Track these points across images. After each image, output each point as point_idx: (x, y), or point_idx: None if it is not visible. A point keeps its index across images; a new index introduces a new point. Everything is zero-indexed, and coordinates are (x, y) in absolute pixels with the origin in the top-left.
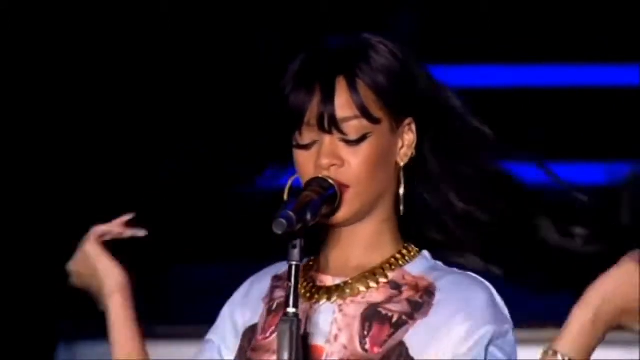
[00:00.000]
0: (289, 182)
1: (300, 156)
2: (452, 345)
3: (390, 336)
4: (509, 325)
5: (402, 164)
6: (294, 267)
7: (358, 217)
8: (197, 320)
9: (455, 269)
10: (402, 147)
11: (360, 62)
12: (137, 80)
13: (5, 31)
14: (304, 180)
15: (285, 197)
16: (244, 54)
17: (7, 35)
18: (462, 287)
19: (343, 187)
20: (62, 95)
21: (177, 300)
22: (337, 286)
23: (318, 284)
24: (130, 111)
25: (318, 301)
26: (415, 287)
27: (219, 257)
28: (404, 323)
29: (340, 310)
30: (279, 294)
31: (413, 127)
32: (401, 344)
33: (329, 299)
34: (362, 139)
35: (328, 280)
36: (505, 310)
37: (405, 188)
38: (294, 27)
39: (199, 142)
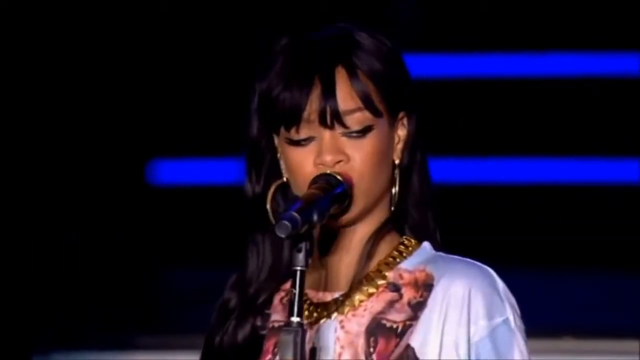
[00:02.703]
0: (273, 188)
1: (294, 153)
2: (445, 341)
3: (397, 345)
4: (505, 317)
5: (397, 161)
6: (298, 273)
7: (360, 218)
8: (186, 330)
9: (456, 257)
10: (398, 142)
11: (355, 50)
12: (136, 81)
13: (5, 31)
14: (298, 179)
15: (268, 205)
16: (244, 54)
17: (7, 36)
18: (459, 276)
19: (350, 184)
20: (60, 96)
21: (165, 308)
22: (336, 300)
23: (315, 300)
24: (128, 112)
25: (318, 320)
26: (415, 285)
27: (210, 262)
28: (409, 327)
29: (342, 327)
30: (274, 317)
31: (405, 121)
32: (407, 348)
33: (328, 315)
34: (365, 130)
35: (325, 295)
36: (505, 300)
37: (399, 186)
38: (294, 27)
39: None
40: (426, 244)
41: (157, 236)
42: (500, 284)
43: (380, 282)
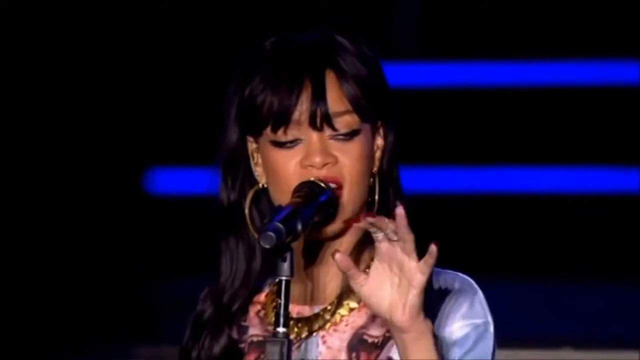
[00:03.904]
0: (251, 194)
1: (279, 155)
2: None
3: (377, 358)
4: (486, 320)
5: (375, 169)
6: (284, 283)
7: (344, 227)
8: (181, 340)
9: (435, 268)
10: (377, 151)
11: (341, 53)
12: (134, 90)
13: (5, 31)
14: (281, 182)
15: (246, 209)
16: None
17: (7, 35)
18: (443, 286)
19: (338, 189)
20: (58, 104)
21: (161, 318)
22: (317, 315)
23: (295, 315)
24: (126, 121)
25: (299, 335)
26: None
27: (207, 272)
28: (389, 339)
29: (324, 342)
30: (253, 331)
31: (382, 131)
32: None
33: (309, 331)
34: (353, 133)
35: (305, 310)
36: (486, 308)
37: (379, 195)
38: (293, 27)
39: None
40: None
41: (154, 245)
42: (481, 294)
43: None
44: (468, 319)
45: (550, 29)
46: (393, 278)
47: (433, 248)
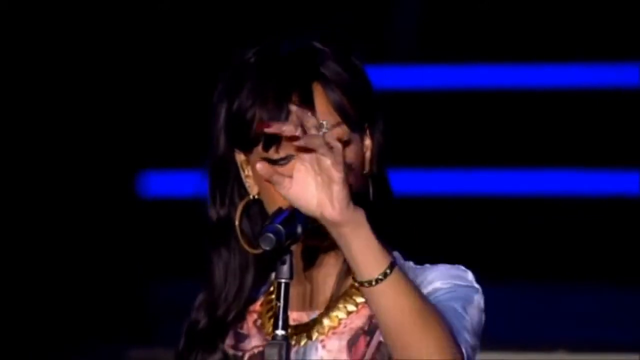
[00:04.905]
0: (241, 207)
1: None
2: None
3: (368, 345)
4: (473, 285)
5: (366, 171)
6: (283, 285)
7: None
8: (175, 343)
9: (427, 265)
10: (366, 151)
11: (325, 62)
12: (126, 93)
13: (5, 31)
14: (276, 198)
15: (237, 221)
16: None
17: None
18: (422, 274)
19: None
20: (51, 107)
21: (155, 321)
22: (314, 321)
23: (292, 322)
24: (118, 124)
25: (298, 342)
26: None
27: (201, 274)
28: (377, 325)
29: (324, 347)
30: (254, 343)
31: (369, 132)
32: (380, 345)
33: (309, 337)
34: (343, 145)
35: (303, 317)
36: (476, 283)
37: (373, 196)
38: (292, 27)
39: None
40: (396, 254)
41: (147, 248)
42: (471, 274)
43: (360, 299)
44: (453, 279)
45: (551, 31)
46: (316, 178)
47: (337, 144)
